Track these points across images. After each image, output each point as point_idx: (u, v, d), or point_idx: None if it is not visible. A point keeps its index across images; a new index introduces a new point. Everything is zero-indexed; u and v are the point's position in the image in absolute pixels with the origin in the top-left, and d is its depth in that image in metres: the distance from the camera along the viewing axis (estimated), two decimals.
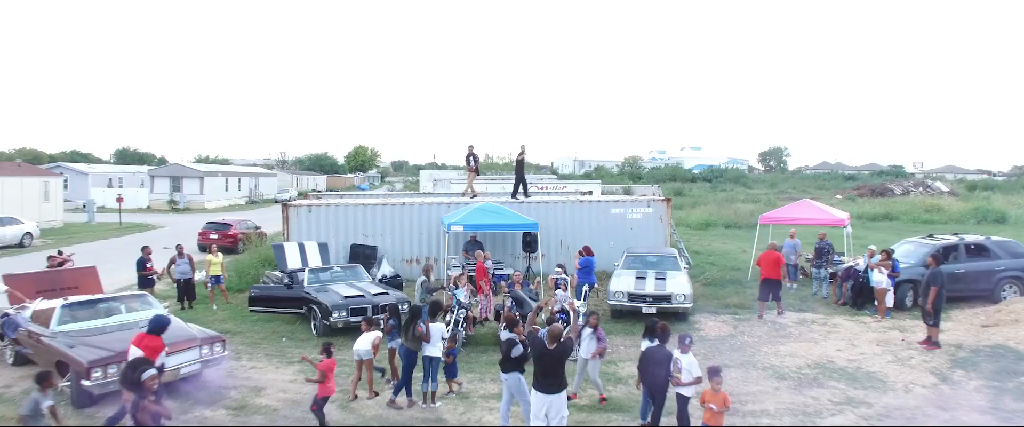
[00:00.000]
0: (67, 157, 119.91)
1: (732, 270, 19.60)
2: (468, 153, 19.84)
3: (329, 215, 17.90)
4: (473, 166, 19.97)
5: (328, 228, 17.89)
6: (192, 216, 46.23)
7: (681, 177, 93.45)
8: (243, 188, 61.82)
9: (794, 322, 13.70)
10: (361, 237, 18.04)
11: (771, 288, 14.08)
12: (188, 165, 54.25)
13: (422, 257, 18.29)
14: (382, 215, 18.11)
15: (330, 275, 13.88)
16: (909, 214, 37.94)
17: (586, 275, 13.97)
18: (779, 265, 14.15)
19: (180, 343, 9.10)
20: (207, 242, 25.13)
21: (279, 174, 79.05)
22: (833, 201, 58.36)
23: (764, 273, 14.21)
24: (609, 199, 19.34)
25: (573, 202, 18.99)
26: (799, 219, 17.92)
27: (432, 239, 18.23)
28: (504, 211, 16.50)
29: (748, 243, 27.29)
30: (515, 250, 18.41)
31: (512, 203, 18.59)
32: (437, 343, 8.74)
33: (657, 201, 19.39)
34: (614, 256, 18.68)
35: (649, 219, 19.22)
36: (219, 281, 15.22)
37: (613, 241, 19.01)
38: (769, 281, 14.07)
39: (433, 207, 18.31)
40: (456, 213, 16.73)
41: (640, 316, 13.40)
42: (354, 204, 18.09)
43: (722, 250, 24.81)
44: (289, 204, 17.84)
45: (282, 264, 14.98)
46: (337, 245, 17.94)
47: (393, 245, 18.15)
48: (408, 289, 16.12)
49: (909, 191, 63.56)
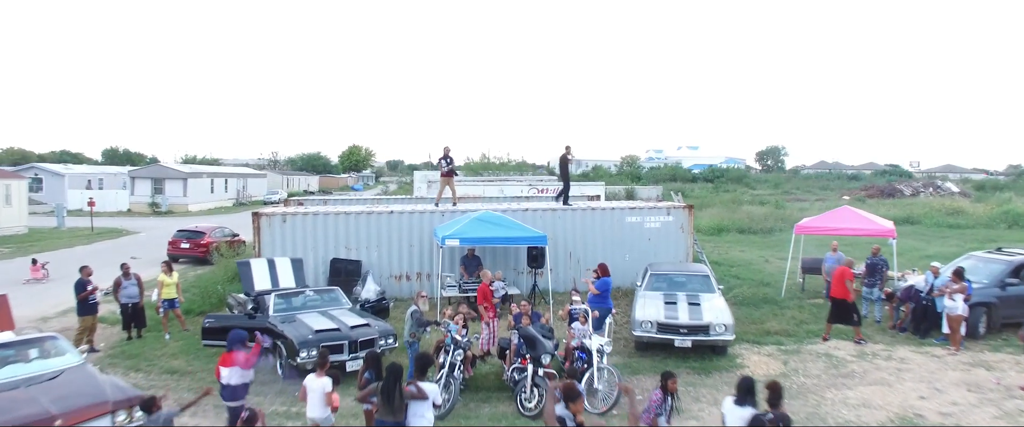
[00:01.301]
0: (57, 157, 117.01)
1: (762, 286, 17.45)
2: (442, 155, 17.18)
3: (307, 225, 15.68)
4: (447, 169, 17.16)
5: (306, 240, 15.67)
6: (174, 220, 43.88)
7: (681, 177, 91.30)
8: (230, 190, 59.44)
9: (853, 355, 11.56)
10: (343, 250, 15.82)
11: (844, 310, 12.07)
12: (170, 166, 51.88)
13: (413, 273, 16.08)
14: (367, 225, 15.90)
15: (302, 300, 11.66)
16: (930, 217, 35.89)
17: (603, 299, 11.79)
18: (847, 281, 12.17)
19: (82, 410, 6.83)
20: (177, 252, 22.95)
21: (269, 175, 76.63)
22: (840, 202, 56.57)
23: (834, 291, 12.23)
24: (624, 206, 17.15)
25: (583, 210, 16.80)
26: (841, 229, 15.77)
27: (424, 252, 16.03)
28: (507, 221, 14.31)
29: (769, 251, 25.26)
30: (518, 265, 16.23)
31: (531, 211, 16.43)
32: (427, 412, 6.56)
33: (678, 208, 17.21)
34: (629, 271, 16.57)
35: (669, 228, 17.06)
36: (174, 305, 12.97)
37: (629, 254, 16.87)
38: (840, 302, 12.08)
39: (425, 216, 16.11)
40: (452, 224, 14.54)
41: (671, 350, 11.26)
42: (335, 213, 15.86)
43: (742, 260, 22.67)
44: (261, 213, 15.61)
45: (248, 285, 12.75)
46: (316, 260, 15.72)
47: (380, 259, 15.94)
48: (397, 312, 13.95)
49: (918, 192, 61.68)
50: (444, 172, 17.26)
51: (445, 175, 17.31)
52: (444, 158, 17.13)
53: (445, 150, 17.20)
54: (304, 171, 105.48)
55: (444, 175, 17.31)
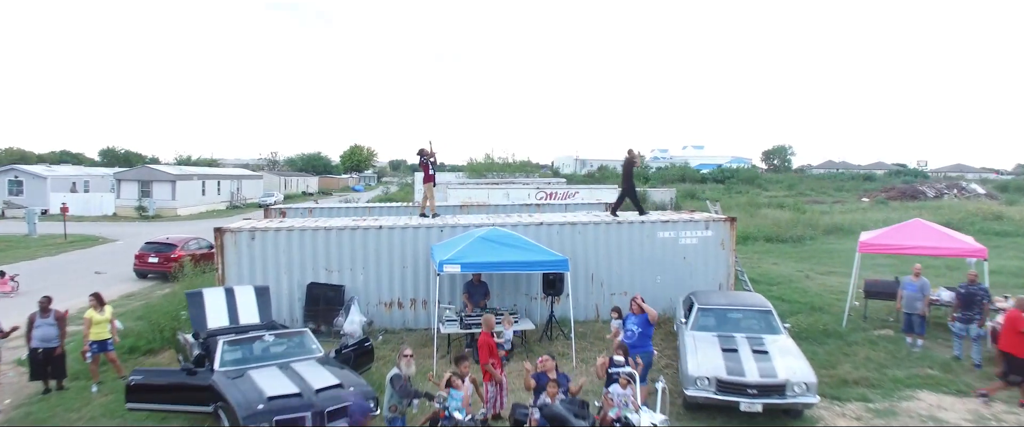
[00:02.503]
0: (56, 158, 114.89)
1: (815, 311, 14.89)
2: (423, 156, 14.52)
3: (280, 243, 13.16)
4: (431, 173, 14.63)
5: (279, 261, 13.15)
6: (162, 225, 41.47)
7: (690, 178, 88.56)
8: (223, 192, 56.99)
9: (969, 418, 8.99)
10: (323, 273, 13.30)
11: (1019, 368, 9.42)
12: (158, 167, 49.40)
13: (407, 299, 13.55)
14: (352, 242, 13.37)
15: (261, 349, 9.14)
16: (972, 224, 33.14)
17: (643, 344, 9.23)
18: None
19: None
20: (145, 267, 20.46)
21: (265, 175, 74.19)
22: (860, 205, 53.88)
23: (1004, 343, 9.63)
24: (655, 219, 14.59)
25: (608, 224, 14.22)
26: (916, 247, 13.15)
27: (420, 275, 13.50)
28: (517, 240, 11.74)
29: (806, 264, 22.58)
30: (531, 290, 13.70)
31: (545, 225, 13.89)
32: None
33: (717, 221, 14.64)
34: (661, 296, 14.05)
35: (708, 245, 14.50)
36: (107, 347, 10.44)
37: (661, 275, 14.33)
38: (1013, 358, 9.46)
39: (421, 231, 13.56)
40: (451, 244, 11.99)
41: (731, 412, 8.72)
42: (314, 228, 13.32)
43: (779, 275, 20.08)
44: (225, 229, 13.09)
45: (199, 322, 10.20)
46: (290, 285, 13.21)
47: (367, 283, 13.42)
48: (386, 351, 11.43)
49: (942, 193, 58.93)
50: (427, 176, 14.76)
51: (428, 180, 14.80)
52: (426, 159, 14.59)
53: (424, 151, 14.66)
54: (304, 172, 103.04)
55: (427, 180, 14.80)
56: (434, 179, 14.81)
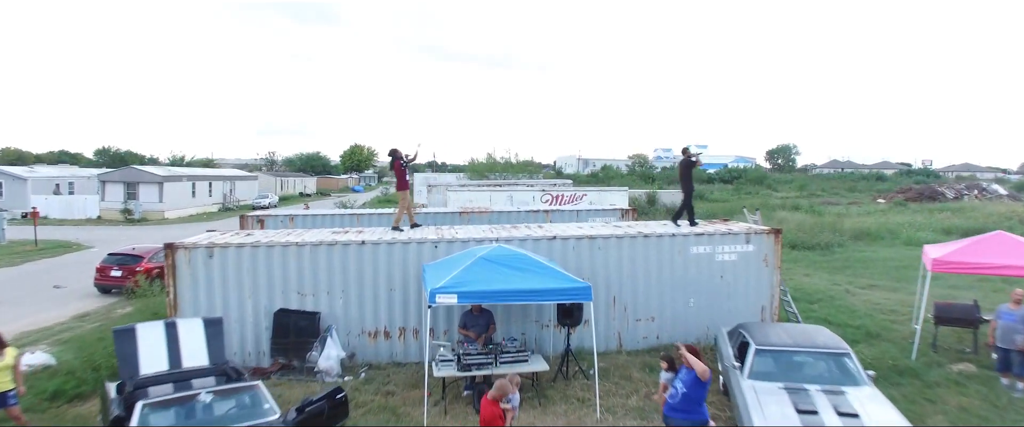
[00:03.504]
0: (55, 158, 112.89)
1: (872, 338, 12.75)
2: (396, 157, 12.41)
3: (243, 261, 11.01)
4: (406, 179, 12.55)
5: (242, 283, 11.01)
6: (149, 229, 39.40)
7: (697, 178, 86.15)
8: (215, 193, 54.89)
9: None
10: (296, 297, 11.16)
11: None
12: (144, 168, 47.27)
13: (395, 328, 11.40)
14: (329, 260, 11.22)
15: (195, 413, 7.01)
16: (1010, 229, 30.86)
17: (691, 408, 7.05)
18: None
19: None
20: (107, 282, 18.31)
21: (261, 176, 72.08)
22: (876, 206, 51.64)
23: None
24: (687, 231, 12.41)
25: (631, 237, 12.04)
26: (1003, 267, 10.95)
27: (410, 299, 11.36)
28: (527, 261, 9.56)
29: (841, 276, 20.21)
30: (541, 316, 11.55)
31: (559, 239, 11.73)
32: None
33: (760, 233, 12.47)
34: (694, 323, 11.96)
35: (749, 262, 12.34)
36: (8, 401, 8.28)
37: (695, 298, 12.18)
38: None
39: (411, 247, 11.40)
40: (448, 264, 9.84)
41: None
42: (284, 243, 11.16)
43: (817, 290, 17.90)
44: (178, 245, 10.95)
45: (129, 367, 8.06)
46: (256, 312, 11.08)
47: (348, 309, 11.28)
48: (364, 397, 9.29)
49: (962, 194, 56.69)
50: (401, 183, 12.59)
51: (402, 186, 12.65)
52: (401, 161, 12.41)
53: (396, 151, 12.49)
54: (302, 172, 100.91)
55: (401, 187, 12.65)
56: (409, 184, 12.65)
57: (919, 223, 33.93)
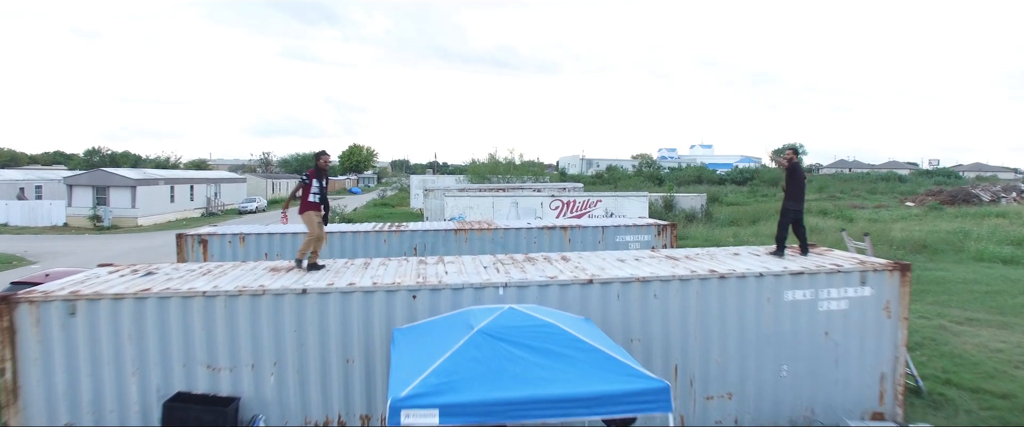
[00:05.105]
0: (49, 159, 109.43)
1: None
2: (306, 176, 8.89)
3: (123, 321, 7.30)
4: (312, 198, 8.82)
5: (120, 353, 7.31)
6: (118, 238, 35.81)
7: (707, 179, 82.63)
8: (198, 197, 51.25)
9: None
10: (202, 373, 7.44)
11: None
12: (116, 171, 43.57)
13: (352, 415, 7.67)
14: (253, 317, 7.49)
15: None
16: None
17: None
18: None
19: None
20: None
21: (250, 178, 68.43)
22: (907, 210, 47.90)
23: None
24: (778, 269, 8.61)
25: (701, 278, 8.26)
26: None
27: (374, 372, 7.65)
28: (557, 335, 5.76)
29: (920, 301, 16.26)
30: None
31: (596, 283, 7.97)
32: None
33: (881, 271, 8.70)
34: (788, 398, 8.30)
35: (865, 310, 8.62)
36: None
37: (789, 364, 8.45)
38: None
39: (376, 298, 7.65)
40: (426, 338, 6.12)
41: None
42: (186, 293, 7.42)
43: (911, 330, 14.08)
44: (17, 299, 7.25)
45: None
46: (142, 398, 7.37)
47: (283, 391, 7.57)
48: None
49: (999, 197, 52.95)
50: (305, 204, 8.81)
51: (307, 207, 8.83)
52: (315, 176, 8.80)
53: (322, 161, 8.95)
54: (297, 173, 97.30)
55: (305, 208, 8.84)
56: (320, 206, 8.87)
57: (974, 232, 30.15)
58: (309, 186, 8.70)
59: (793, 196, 9.62)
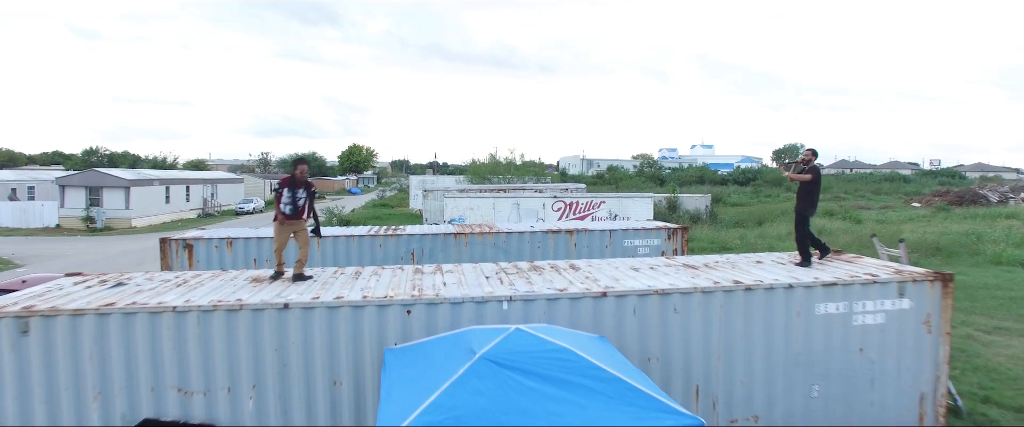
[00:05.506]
0: (48, 159, 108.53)
1: None
2: (284, 184, 7.96)
3: (85, 339, 6.55)
4: (298, 206, 7.96)
5: (81, 376, 6.56)
6: (111, 239, 35.07)
7: (709, 179, 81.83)
8: (194, 198, 50.51)
9: None
10: (173, 396, 6.68)
11: None
12: (110, 171, 42.82)
13: None
14: (229, 336, 6.73)
15: None
16: None
17: None
18: None
19: None
20: None
21: (247, 179, 67.66)
22: (914, 211, 47.16)
23: None
24: (809, 280, 7.85)
25: (725, 291, 7.49)
26: None
27: (364, 397, 6.89)
28: (571, 361, 5.03)
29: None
30: None
31: (611, 295, 7.19)
32: None
33: (916, 281, 7.94)
34: (817, 423, 7.54)
35: (903, 324, 7.87)
36: None
37: (820, 384, 7.69)
38: None
39: (366, 312, 6.89)
40: (422, 362, 5.37)
41: None
42: (155, 308, 6.67)
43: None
44: None
45: None
46: (101, 420, 6.60)
47: (263, 417, 6.81)
48: None
49: (1007, 197, 52.18)
50: (287, 213, 7.98)
51: (289, 217, 8.03)
52: (297, 184, 7.96)
53: (298, 171, 7.95)
54: None
55: (288, 217, 8.02)
56: (303, 212, 8.03)
57: (987, 234, 29.39)
58: (280, 195, 7.93)
59: (810, 201, 8.89)
